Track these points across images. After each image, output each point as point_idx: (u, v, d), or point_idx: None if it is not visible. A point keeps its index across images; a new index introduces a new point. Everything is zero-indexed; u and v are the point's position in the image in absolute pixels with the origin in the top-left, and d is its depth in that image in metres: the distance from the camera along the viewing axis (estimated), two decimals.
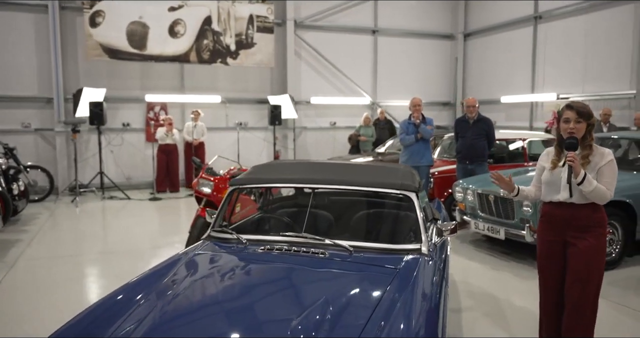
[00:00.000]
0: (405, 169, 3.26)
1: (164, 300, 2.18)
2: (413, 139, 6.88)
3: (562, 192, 2.86)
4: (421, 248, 2.69)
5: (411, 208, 2.87)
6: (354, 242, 2.71)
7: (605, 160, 2.81)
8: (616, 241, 5.19)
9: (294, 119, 11.97)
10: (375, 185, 2.93)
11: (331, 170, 3.21)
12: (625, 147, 6.65)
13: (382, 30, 13.12)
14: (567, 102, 2.97)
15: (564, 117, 2.87)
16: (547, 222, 3.01)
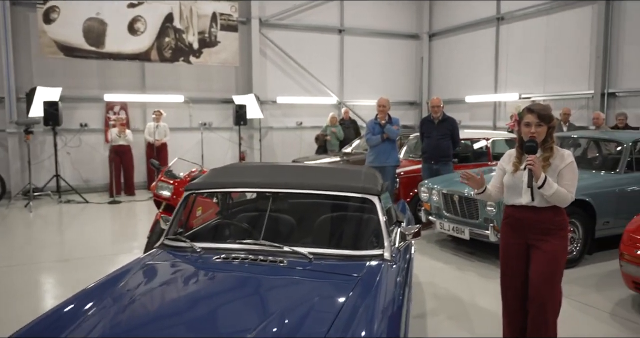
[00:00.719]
0: (367, 171, 3.18)
1: (108, 314, 2.03)
2: (379, 139, 6.84)
3: (523, 196, 2.85)
4: (384, 254, 2.61)
5: (373, 213, 2.79)
6: (315, 248, 2.61)
7: (566, 162, 2.82)
8: (577, 239, 5.26)
9: (259, 119, 11.79)
10: (336, 189, 2.84)
11: (291, 174, 3.09)
12: (584, 146, 6.79)
13: (348, 29, 13.08)
14: (528, 105, 2.94)
15: (525, 120, 2.84)
16: (510, 224, 3.00)
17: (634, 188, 5.58)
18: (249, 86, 11.93)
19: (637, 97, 9.08)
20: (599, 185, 5.42)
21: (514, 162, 2.92)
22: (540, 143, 2.82)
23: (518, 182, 2.86)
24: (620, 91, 9.32)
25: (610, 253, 5.62)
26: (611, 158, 6.09)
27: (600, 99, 9.44)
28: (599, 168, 6.03)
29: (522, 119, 2.88)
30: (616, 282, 4.45)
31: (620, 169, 5.65)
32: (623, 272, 4.01)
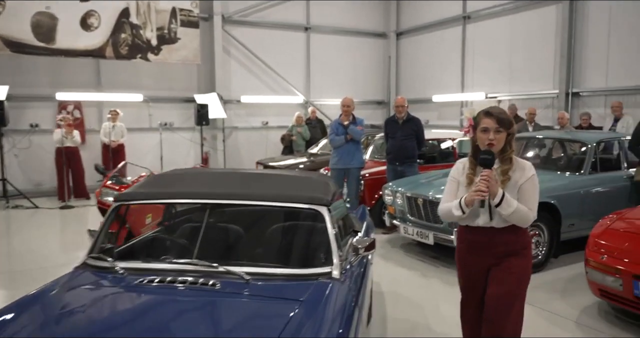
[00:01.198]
0: (318, 178, 2.92)
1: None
2: (342, 140, 6.61)
3: (481, 216, 2.51)
4: (332, 272, 2.34)
5: (322, 225, 2.52)
6: (254, 267, 2.32)
7: (527, 176, 2.51)
8: (542, 243, 5.13)
9: (223, 119, 11.41)
10: (280, 200, 2.56)
11: (234, 182, 2.79)
12: (549, 146, 6.71)
13: (314, 27, 12.81)
14: (486, 108, 2.57)
15: (482, 125, 2.48)
16: (466, 249, 2.66)
17: (599, 190, 5.50)
18: (212, 85, 11.53)
19: (599, 97, 9.12)
20: (564, 187, 5.31)
21: (469, 174, 2.53)
22: (498, 152, 2.49)
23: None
24: (583, 91, 9.35)
25: (576, 256, 5.53)
26: (576, 159, 6.01)
27: (565, 99, 9.45)
28: (564, 169, 5.93)
29: (478, 123, 2.51)
30: (582, 287, 4.32)
31: (584, 170, 5.56)
32: (589, 279, 3.87)
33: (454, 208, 2.52)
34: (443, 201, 2.68)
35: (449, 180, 2.68)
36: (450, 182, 2.67)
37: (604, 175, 5.67)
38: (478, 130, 2.52)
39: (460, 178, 2.60)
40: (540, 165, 6.24)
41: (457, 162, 2.71)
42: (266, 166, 9.39)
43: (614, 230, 3.93)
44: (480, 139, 2.49)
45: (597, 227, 4.10)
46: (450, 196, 2.64)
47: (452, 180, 2.66)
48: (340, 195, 3.22)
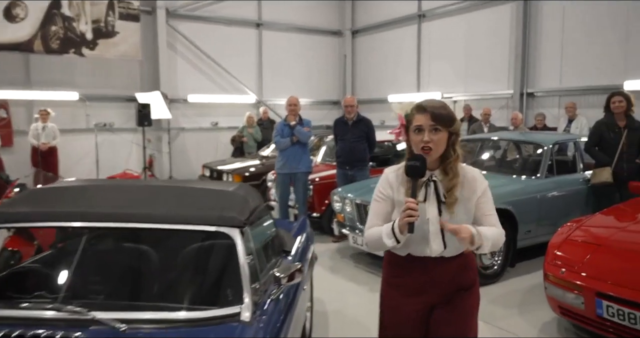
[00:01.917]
0: (234, 192, 2.41)
1: None
2: (288, 142, 6.13)
3: (431, 244, 1.94)
4: (240, 314, 1.85)
5: (231, 253, 2.02)
6: (136, 312, 1.80)
7: (481, 188, 1.99)
8: (497, 252, 4.80)
9: (168, 119, 10.70)
10: (177, 221, 2.04)
11: (125, 199, 2.25)
12: (504, 148, 6.44)
13: (267, 23, 12.27)
14: (419, 102, 1.97)
15: (415, 124, 1.91)
16: (403, 286, 2.06)
17: (555, 194, 5.23)
18: (156, 83, 10.80)
19: (553, 97, 9.01)
20: (520, 192, 5.01)
21: (407, 189, 1.92)
22: (438, 159, 1.94)
23: (419, 221, 1.86)
24: (538, 91, 9.22)
25: (533, 263, 5.26)
26: (532, 161, 5.74)
27: (520, 99, 9.31)
28: (520, 172, 5.65)
29: (410, 121, 1.94)
30: (541, 300, 3.98)
31: (541, 173, 5.29)
32: (548, 295, 3.53)
33: (385, 235, 1.90)
34: (369, 225, 2.03)
35: (375, 197, 2.05)
36: (377, 201, 2.04)
37: (561, 179, 5.42)
38: (410, 130, 1.94)
39: (395, 196, 2.00)
40: (495, 168, 5.96)
41: (385, 172, 2.07)
42: (213, 170, 8.82)
43: (573, 240, 3.61)
44: (414, 141, 1.91)
45: (556, 237, 3.77)
46: (378, 218, 2.02)
47: (379, 198, 2.03)
48: (266, 210, 2.73)
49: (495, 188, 4.80)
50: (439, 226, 1.90)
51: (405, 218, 1.78)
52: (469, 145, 6.98)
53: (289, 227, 3.54)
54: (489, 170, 5.68)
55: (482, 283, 4.73)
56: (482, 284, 4.64)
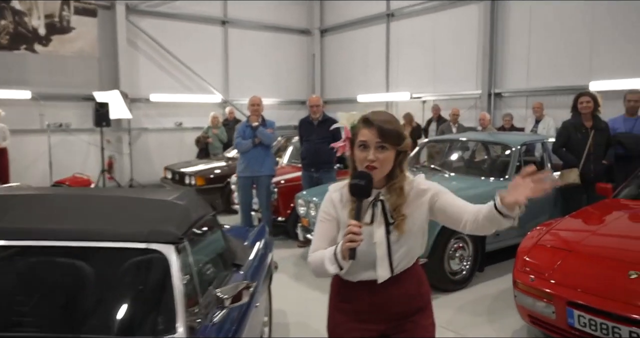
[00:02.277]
0: (173, 202, 2.15)
1: None
2: (249, 144, 5.86)
3: (378, 268, 1.77)
4: None
5: (164, 273, 1.75)
6: None
7: (430, 193, 1.81)
8: (466, 257, 4.66)
9: (129, 120, 10.26)
10: (102, 237, 1.77)
11: (47, 211, 1.96)
12: (472, 149, 6.34)
13: (233, 21, 11.94)
14: (366, 115, 1.78)
15: (360, 138, 1.73)
16: (352, 314, 1.86)
17: None
18: (116, 81, 10.34)
19: (521, 98, 9.00)
20: (488, 194, 4.80)
21: (352, 209, 1.72)
22: (383, 178, 1.76)
23: (365, 244, 1.68)
24: (505, 91, 9.21)
25: (503, 267, 5.15)
26: (500, 162, 5.64)
27: (487, 99, 9.27)
28: (488, 173, 5.54)
29: (356, 135, 1.75)
30: (510, 305, 3.83)
31: (509, 174, 5.17)
32: (517, 303, 3.38)
33: (328, 261, 1.70)
34: (313, 248, 1.81)
35: (320, 218, 1.85)
36: (321, 221, 1.83)
37: None
38: (355, 145, 1.76)
39: (340, 216, 1.78)
40: (463, 169, 5.84)
41: (329, 190, 1.86)
42: (175, 172, 8.47)
43: (543, 246, 3.47)
44: (358, 158, 1.74)
45: (525, 242, 3.63)
46: (322, 241, 1.80)
47: (324, 219, 1.83)
48: (213, 220, 2.47)
49: (463, 191, 4.69)
50: (386, 250, 1.75)
51: (346, 244, 1.60)
52: (437, 145, 6.87)
53: (245, 236, 3.29)
54: (457, 172, 5.56)
55: (451, 290, 4.62)
56: (450, 290, 4.54)
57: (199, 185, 7.86)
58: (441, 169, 5.62)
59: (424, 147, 6.45)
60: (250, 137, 5.86)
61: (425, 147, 6.45)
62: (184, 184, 8.12)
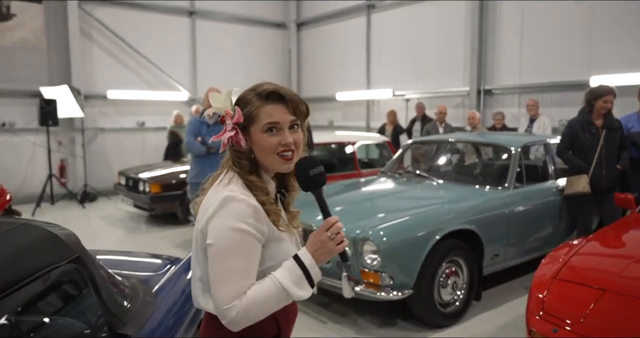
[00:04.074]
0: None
1: None
2: (203, 150, 4.96)
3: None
4: None
5: None
6: None
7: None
8: (460, 285, 3.82)
9: (81, 118, 9.24)
10: None
11: None
12: (464, 152, 5.53)
13: (201, 12, 10.98)
14: (265, 87, 1.38)
15: (268, 120, 1.36)
16: None
17: (526, 208, 4.32)
18: (68, 76, 9.30)
19: (513, 95, 8.24)
20: (484, 207, 4.05)
21: (271, 207, 1.37)
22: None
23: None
24: (496, 88, 8.43)
25: (502, 292, 4.35)
26: (497, 168, 4.83)
27: (477, 97, 8.49)
28: (483, 182, 4.72)
29: (255, 117, 1.36)
30: None
31: (509, 182, 4.36)
32: None
33: (292, 286, 1.30)
34: (240, 287, 1.27)
35: (245, 240, 1.29)
36: (247, 242, 1.29)
37: (531, 189, 4.53)
38: (256, 130, 1.37)
39: (267, 227, 1.34)
40: (453, 176, 5.01)
41: (239, 199, 1.31)
42: (129, 177, 7.50)
43: (564, 281, 2.64)
44: (267, 145, 1.37)
45: (539, 274, 2.80)
46: (253, 272, 1.31)
47: (253, 239, 1.30)
48: (73, 271, 1.58)
49: (455, 203, 3.82)
50: None
51: (340, 245, 1.35)
52: (422, 148, 6.05)
53: (158, 274, 2.37)
54: (447, 179, 4.72)
55: (442, 325, 3.77)
56: (441, 327, 3.67)
57: (154, 193, 6.93)
58: (428, 175, 4.78)
59: (408, 150, 5.60)
60: (204, 135, 4.97)
61: (409, 149, 5.61)
62: (138, 191, 7.18)
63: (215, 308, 1.27)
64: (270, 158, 1.36)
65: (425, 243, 3.50)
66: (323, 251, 1.32)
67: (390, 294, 3.39)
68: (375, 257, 3.38)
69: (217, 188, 1.37)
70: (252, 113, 1.35)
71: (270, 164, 1.38)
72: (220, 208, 1.29)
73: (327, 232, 1.33)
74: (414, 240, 3.49)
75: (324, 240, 1.32)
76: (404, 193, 4.45)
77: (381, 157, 7.45)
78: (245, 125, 1.36)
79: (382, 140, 7.39)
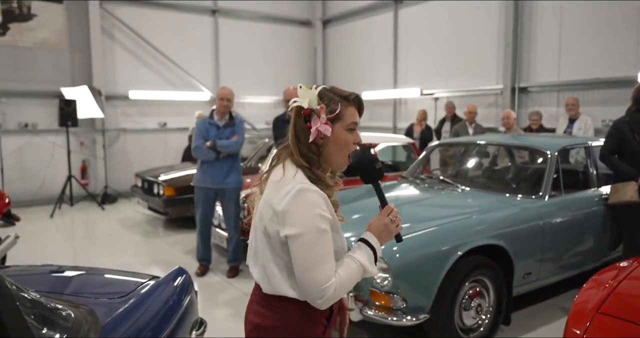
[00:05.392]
0: None
1: None
2: (212, 156, 4.67)
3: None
4: None
5: None
6: None
7: None
8: (485, 308, 3.36)
9: (102, 119, 9.16)
10: None
11: None
12: (494, 155, 5.03)
13: (224, 10, 10.77)
14: (352, 93, 1.57)
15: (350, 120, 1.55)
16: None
17: (564, 220, 3.81)
18: (89, 76, 9.24)
19: (551, 93, 7.62)
20: (515, 219, 3.57)
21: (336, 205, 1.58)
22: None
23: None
24: (532, 86, 7.82)
25: (534, 313, 3.86)
26: (530, 175, 4.32)
27: (511, 95, 7.90)
28: (515, 190, 4.23)
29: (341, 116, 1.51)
30: None
31: (543, 190, 3.86)
32: None
33: (367, 262, 1.49)
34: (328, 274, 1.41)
35: (320, 228, 1.42)
36: (325, 231, 1.44)
37: (570, 198, 4.01)
38: (340, 126, 1.51)
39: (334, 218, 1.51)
40: (482, 183, 4.53)
41: (310, 190, 1.43)
42: (144, 180, 7.31)
43: (610, 317, 2.16)
44: (345, 142, 1.52)
45: (579, 305, 2.32)
46: (332, 259, 1.45)
47: (327, 228, 1.45)
48: None
49: (481, 215, 3.35)
50: None
51: (397, 228, 1.57)
52: (449, 150, 5.58)
53: (119, 301, 2.03)
54: (473, 186, 4.25)
55: None
56: None
57: (168, 196, 6.70)
58: (453, 181, 4.31)
59: (432, 152, 5.14)
60: (214, 137, 4.67)
61: (433, 152, 5.15)
62: (153, 194, 6.98)
63: (311, 290, 1.39)
64: (343, 154, 1.52)
65: (445, 261, 3.07)
66: (385, 233, 1.54)
67: (403, 319, 2.98)
68: (386, 276, 2.97)
69: (282, 182, 1.45)
70: (341, 111, 1.48)
71: (340, 160, 1.53)
72: (297, 200, 1.40)
73: (388, 217, 1.54)
74: (432, 257, 3.07)
75: (386, 224, 1.54)
76: (423, 201, 4.01)
77: (408, 160, 7.00)
78: (333, 119, 1.48)
79: (407, 142, 6.94)
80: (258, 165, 6.81)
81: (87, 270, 2.52)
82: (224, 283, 4.74)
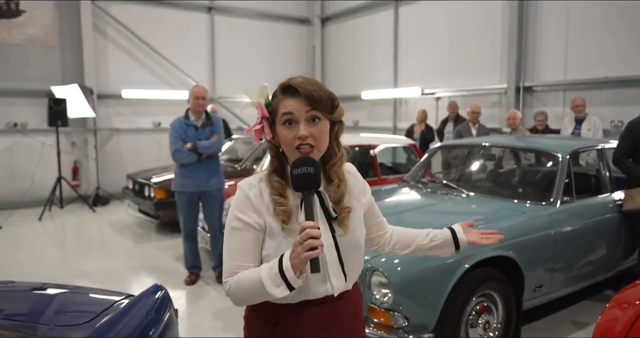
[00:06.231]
0: None
1: None
2: (193, 158, 4.41)
3: (331, 278, 1.37)
4: None
5: None
6: None
7: (368, 190, 1.54)
8: (493, 324, 3.11)
9: (94, 118, 8.90)
10: None
11: None
12: (500, 158, 4.78)
13: (220, 8, 10.51)
14: (285, 81, 1.36)
15: (283, 112, 1.32)
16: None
17: (577, 228, 3.55)
18: (81, 75, 8.98)
19: (557, 92, 7.37)
20: (525, 228, 3.31)
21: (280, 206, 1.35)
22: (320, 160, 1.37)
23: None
24: (537, 85, 7.57)
25: (544, 326, 3.62)
26: (540, 179, 4.07)
27: (515, 95, 7.65)
28: (522, 196, 3.97)
29: (276, 111, 1.35)
30: None
31: (554, 196, 3.60)
32: None
33: (269, 283, 1.26)
34: (232, 268, 1.35)
35: (233, 226, 1.37)
36: (237, 230, 1.36)
37: (583, 204, 3.75)
38: (277, 123, 1.35)
39: (269, 221, 1.36)
40: (487, 188, 4.27)
41: (240, 188, 1.39)
42: (135, 181, 7.05)
43: None
44: (285, 139, 1.34)
45: (604, 330, 2.07)
46: (245, 257, 1.35)
47: (242, 226, 1.35)
48: None
49: (489, 223, 3.12)
50: (337, 253, 1.38)
51: (305, 254, 1.18)
52: (452, 153, 5.32)
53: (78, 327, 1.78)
54: (480, 191, 3.99)
55: None
56: None
57: (159, 199, 6.44)
58: (457, 186, 4.06)
59: (434, 154, 4.89)
60: (193, 138, 4.41)
61: (435, 154, 4.89)
62: (144, 197, 6.72)
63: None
64: (291, 152, 1.34)
65: (450, 275, 2.82)
66: (294, 255, 1.22)
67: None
68: (386, 292, 2.72)
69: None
70: (274, 106, 1.35)
71: (293, 158, 1.35)
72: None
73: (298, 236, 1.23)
74: (436, 271, 2.81)
75: (295, 244, 1.22)
76: (425, 208, 3.75)
77: (408, 162, 6.76)
78: (273, 119, 1.36)
79: (408, 143, 6.69)
80: (253, 167, 6.58)
81: (51, 287, 2.26)
82: (215, 292, 4.48)
